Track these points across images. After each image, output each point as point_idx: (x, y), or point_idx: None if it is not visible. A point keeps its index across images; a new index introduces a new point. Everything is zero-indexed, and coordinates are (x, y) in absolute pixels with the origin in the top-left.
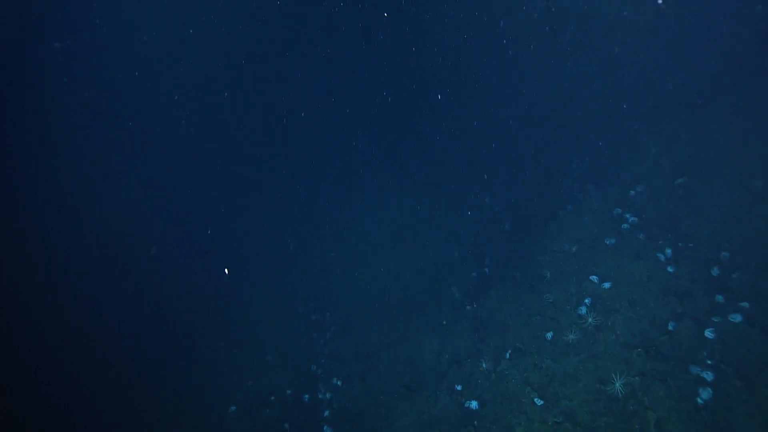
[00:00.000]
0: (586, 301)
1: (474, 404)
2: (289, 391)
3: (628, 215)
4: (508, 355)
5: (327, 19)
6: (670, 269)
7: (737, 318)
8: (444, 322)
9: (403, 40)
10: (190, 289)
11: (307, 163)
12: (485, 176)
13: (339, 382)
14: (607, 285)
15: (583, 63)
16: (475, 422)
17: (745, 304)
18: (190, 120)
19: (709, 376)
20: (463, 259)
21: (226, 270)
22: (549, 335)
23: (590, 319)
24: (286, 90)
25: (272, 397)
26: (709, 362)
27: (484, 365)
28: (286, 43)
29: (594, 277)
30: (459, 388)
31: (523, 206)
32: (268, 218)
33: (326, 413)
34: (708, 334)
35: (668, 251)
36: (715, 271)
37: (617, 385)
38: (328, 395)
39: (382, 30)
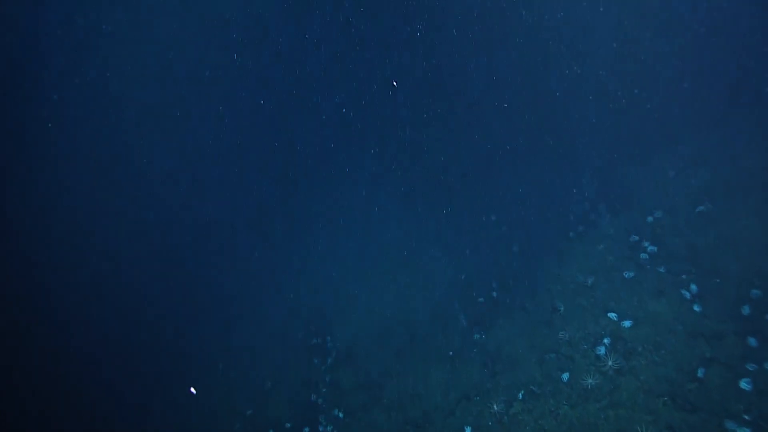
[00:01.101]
0: (605, 340)
1: None
2: (288, 424)
3: (646, 243)
4: (521, 396)
5: (335, 30)
6: (696, 308)
7: None
8: (451, 353)
9: (412, 55)
10: (187, 308)
11: (311, 182)
12: (491, 193)
13: (341, 414)
14: (627, 324)
15: (593, 75)
16: None
17: None
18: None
19: None
20: (470, 281)
21: (192, 389)
22: (565, 377)
23: (610, 362)
24: (294, 106)
25: (271, 430)
26: (746, 417)
27: (495, 407)
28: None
29: (613, 315)
30: (468, 430)
31: (531, 226)
32: (268, 236)
33: None
34: (743, 384)
35: (693, 287)
36: (745, 311)
37: None
38: (329, 428)
39: (394, 46)
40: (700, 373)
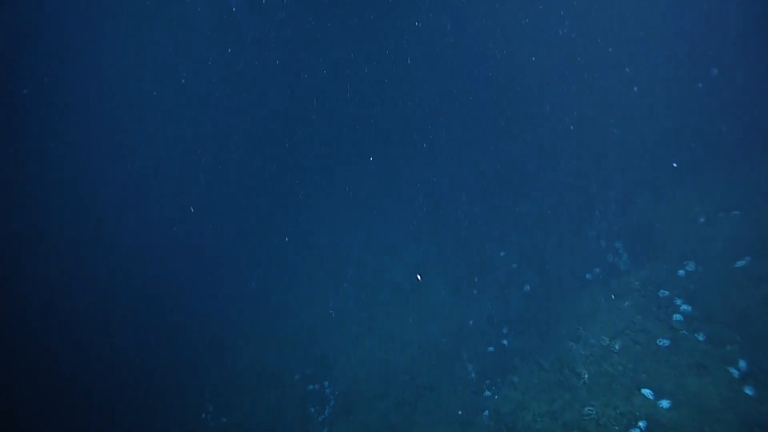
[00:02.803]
0: (641, 424)
1: None
2: None
3: (678, 301)
4: None
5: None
6: (748, 391)
7: None
8: (459, 412)
9: (413, 86)
10: (177, 346)
11: (309, 214)
12: (499, 225)
13: None
14: (665, 404)
15: (609, 97)
16: None
17: None
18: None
19: None
20: (478, 326)
21: None
22: None
23: None
24: (290, 132)
25: None
26: None
27: None
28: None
29: (647, 391)
30: None
31: (544, 263)
32: (264, 270)
33: None
34: None
35: (741, 363)
36: None
37: None
38: None
39: (392, 80)
40: None
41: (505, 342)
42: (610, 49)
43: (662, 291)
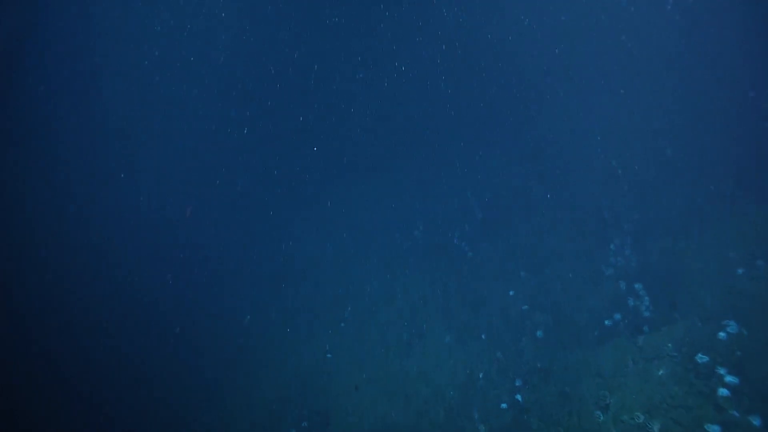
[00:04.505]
0: None
1: None
2: None
3: (721, 370)
4: None
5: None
6: None
7: None
8: None
9: (417, 110)
10: (167, 385)
11: (304, 249)
12: (506, 261)
13: None
14: None
15: (623, 119)
16: None
17: None
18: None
19: None
20: (489, 378)
21: None
22: None
23: None
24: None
25: None
26: None
27: None
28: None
29: None
30: None
31: (557, 305)
32: (261, 307)
33: None
34: None
35: None
36: None
37: None
38: None
39: (395, 105)
40: None
41: (519, 397)
42: (636, 82)
43: (700, 356)
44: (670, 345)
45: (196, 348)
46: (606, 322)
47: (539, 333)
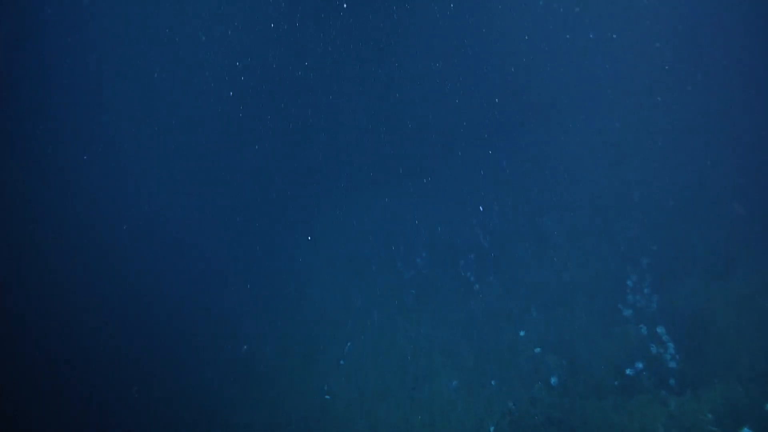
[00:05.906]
0: None
1: None
2: None
3: None
4: None
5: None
6: None
7: None
8: None
9: (421, 133)
10: (159, 414)
11: (299, 280)
12: (516, 295)
13: None
14: None
15: (634, 138)
16: None
17: None
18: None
19: None
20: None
21: None
22: None
23: None
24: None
25: None
26: None
27: None
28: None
29: None
30: None
31: (572, 348)
32: (258, 339)
33: None
34: None
35: None
36: None
37: None
38: None
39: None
40: None
41: None
42: (659, 99)
43: (746, 430)
44: (710, 416)
45: (189, 383)
46: (627, 371)
47: (553, 380)
